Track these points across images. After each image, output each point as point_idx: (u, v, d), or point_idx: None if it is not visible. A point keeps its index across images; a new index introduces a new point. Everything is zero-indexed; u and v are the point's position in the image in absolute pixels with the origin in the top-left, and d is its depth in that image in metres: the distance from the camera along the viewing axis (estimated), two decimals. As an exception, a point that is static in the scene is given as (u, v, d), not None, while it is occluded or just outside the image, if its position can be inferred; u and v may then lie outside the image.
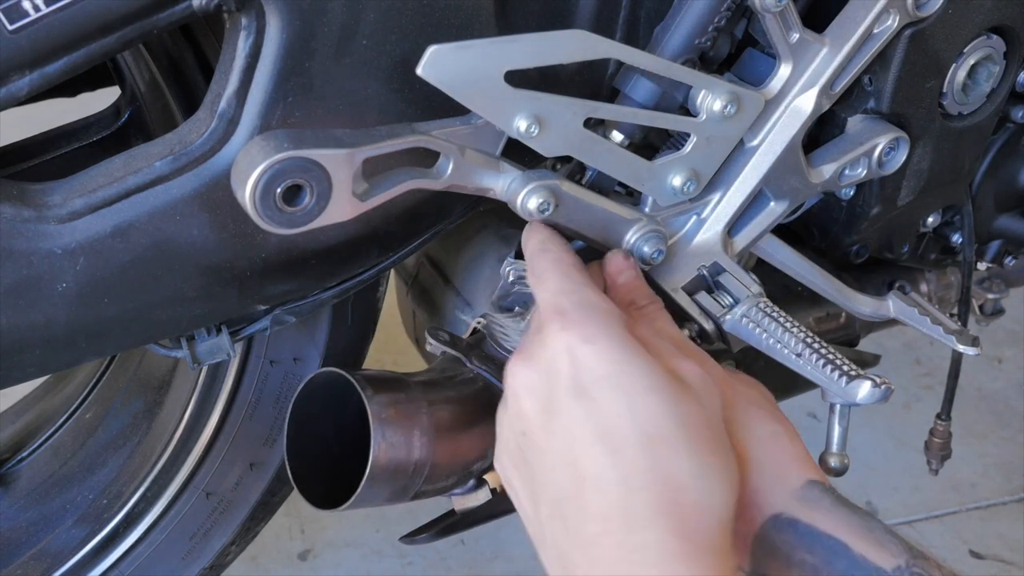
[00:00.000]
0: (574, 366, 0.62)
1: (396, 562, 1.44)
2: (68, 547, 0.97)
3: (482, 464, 0.76)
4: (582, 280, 0.67)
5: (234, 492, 0.98)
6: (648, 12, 0.75)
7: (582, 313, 0.64)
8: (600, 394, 0.60)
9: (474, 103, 0.63)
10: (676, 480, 0.58)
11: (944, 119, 0.85)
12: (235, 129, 0.65)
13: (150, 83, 0.86)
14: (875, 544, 0.63)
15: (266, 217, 0.59)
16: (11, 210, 0.63)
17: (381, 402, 0.71)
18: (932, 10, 0.76)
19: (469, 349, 0.78)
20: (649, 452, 0.58)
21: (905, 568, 0.61)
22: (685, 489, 0.58)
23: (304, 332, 0.92)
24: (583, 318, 0.63)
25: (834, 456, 0.72)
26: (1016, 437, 1.72)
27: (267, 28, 0.63)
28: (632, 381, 0.61)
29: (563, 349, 0.62)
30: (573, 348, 0.62)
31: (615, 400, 0.60)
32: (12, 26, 0.57)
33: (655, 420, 0.59)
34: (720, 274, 0.77)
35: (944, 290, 1.09)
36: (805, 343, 0.73)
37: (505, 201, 0.70)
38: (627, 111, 0.72)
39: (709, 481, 0.59)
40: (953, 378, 1.06)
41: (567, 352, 0.62)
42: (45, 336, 0.67)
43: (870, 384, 0.69)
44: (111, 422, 1.04)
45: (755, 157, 0.77)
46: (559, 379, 0.62)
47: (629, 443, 0.59)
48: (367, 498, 0.70)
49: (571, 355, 0.62)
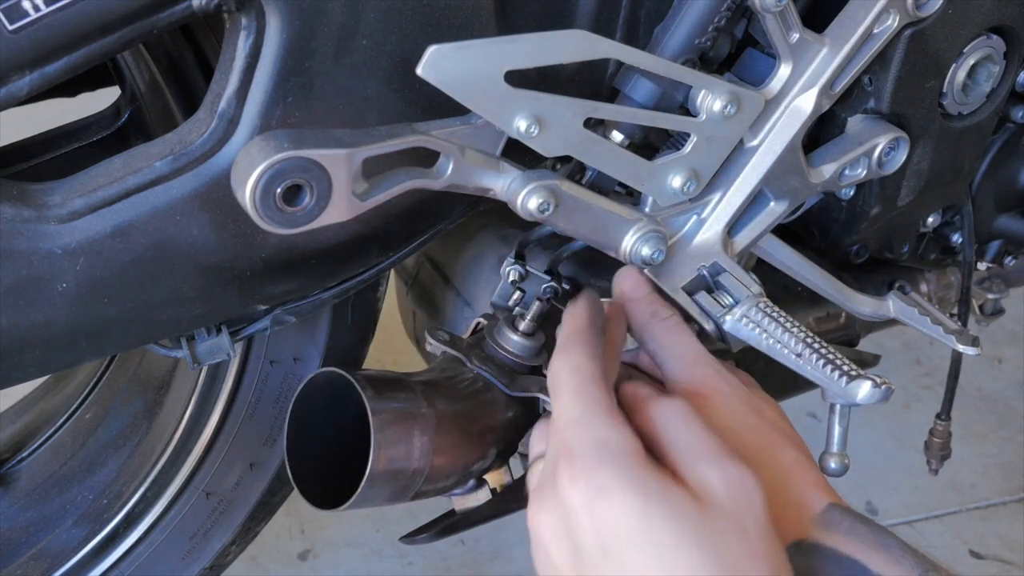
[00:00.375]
0: (593, 524, 0.59)
1: (396, 562, 1.44)
2: (68, 547, 0.97)
3: (482, 464, 0.76)
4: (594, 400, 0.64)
5: (234, 492, 0.98)
6: (648, 12, 0.75)
7: (592, 457, 0.60)
8: (626, 556, 0.58)
9: (474, 103, 0.63)
10: None
11: (944, 119, 0.85)
12: (235, 129, 0.65)
13: (150, 83, 0.86)
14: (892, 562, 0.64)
15: (266, 217, 0.59)
16: (11, 210, 0.63)
17: (381, 402, 0.70)
18: (932, 10, 0.76)
19: (469, 349, 0.78)
20: None
21: None
22: None
23: (304, 332, 0.92)
24: (594, 464, 0.60)
25: (834, 456, 0.72)
26: (1016, 437, 1.72)
27: (267, 28, 0.63)
28: (656, 538, 0.58)
29: (579, 506, 0.60)
30: (589, 505, 0.59)
31: (643, 562, 0.57)
32: (12, 26, 0.57)
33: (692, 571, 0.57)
34: (720, 274, 0.77)
35: (944, 290, 1.09)
36: (805, 343, 0.73)
37: (505, 201, 0.70)
38: (627, 111, 0.72)
39: None
40: (953, 378, 1.06)
41: (585, 509, 0.59)
42: (45, 336, 0.67)
43: (870, 384, 0.69)
44: (111, 422, 1.04)
45: (755, 157, 0.77)
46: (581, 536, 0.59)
47: None
48: (367, 498, 0.70)
49: (589, 512, 0.59)
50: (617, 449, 0.61)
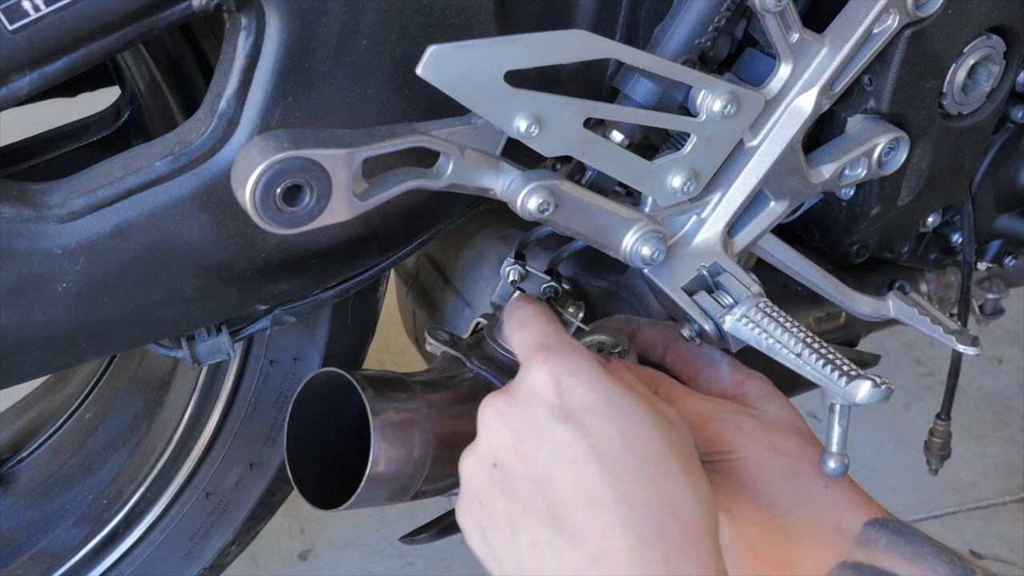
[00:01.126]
0: (560, 395, 0.63)
1: (396, 562, 1.44)
2: (68, 547, 0.97)
3: (482, 464, 0.76)
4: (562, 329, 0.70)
5: (234, 492, 0.98)
6: (648, 12, 0.75)
7: (567, 349, 0.66)
8: (589, 420, 0.62)
9: (474, 103, 0.63)
10: (674, 501, 0.60)
11: (944, 119, 0.85)
12: (235, 129, 0.65)
13: (150, 83, 0.86)
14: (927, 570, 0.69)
15: (266, 217, 0.59)
16: (11, 210, 0.63)
17: (381, 402, 0.71)
18: (932, 10, 0.76)
19: (469, 349, 0.78)
20: (646, 474, 0.61)
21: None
22: (683, 509, 0.60)
23: (304, 332, 0.92)
24: (569, 353, 0.65)
25: (834, 456, 0.72)
26: (1016, 437, 1.72)
27: (267, 28, 0.63)
28: (620, 409, 0.63)
29: (548, 379, 0.64)
30: (559, 378, 0.64)
31: (606, 425, 0.62)
32: (12, 26, 0.57)
33: (647, 444, 0.62)
34: (720, 274, 0.77)
35: (944, 290, 1.09)
36: (805, 343, 0.73)
37: (505, 201, 0.70)
38: (627, 111, 0.72)
39: (702, 499, 0.61)
40: (953, 378, 1.06)
41: (553, 382, 0.64)
42: (45, 336, 0.67)
43: (870, 384, 0.69)
44: (111, 422, 1.04)
45: (755, 157, 0.77)
46: (542, 406, 0.63)
47: (626, 465, 0.61)
48: (367, 498, 0.70)
49: (556, 384, 0.63)
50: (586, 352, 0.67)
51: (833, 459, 0.72)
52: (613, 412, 0.62)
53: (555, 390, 0.63)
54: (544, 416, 0.63)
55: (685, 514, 0.60)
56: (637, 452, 0.61)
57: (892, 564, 0.71)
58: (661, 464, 0.61)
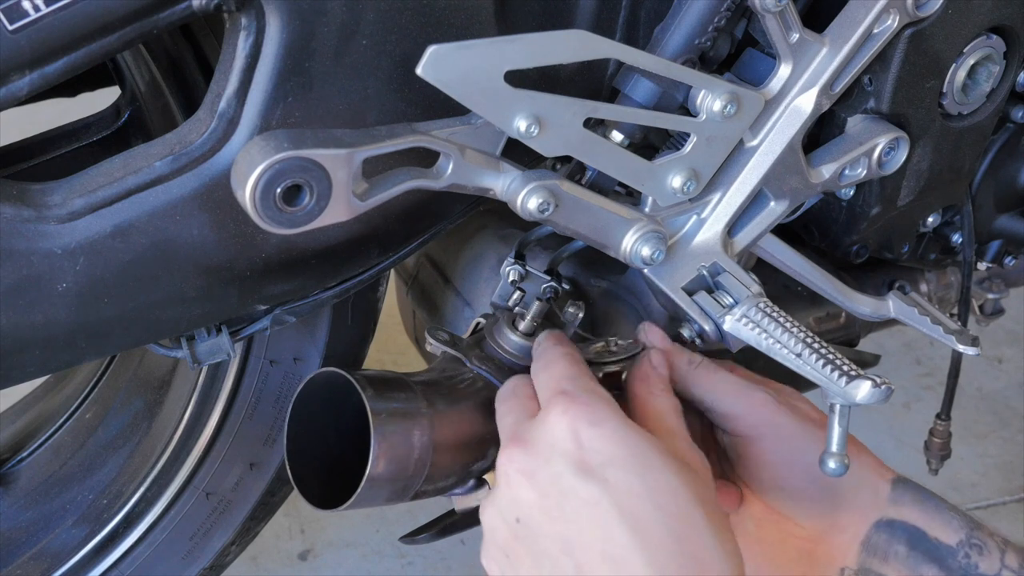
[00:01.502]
0: (580, 448, 0.62)
1: (396, 562, 1.44)
2: (68, 547, 0.97)
3: (482, 464, 0.76)
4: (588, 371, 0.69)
5: (234, 492, 0.98)
6: (648, 12, 0.75)
7: (587, 396, 0.65)
8: (613, 475, 0.61)
9: (474, 103, 0.63)
10: (701, 558, 0.60)
11: (944, 119, 0.85)
12: (235, 129, 0.65)
13: (150, 83, 0.86)
14: (943, 525, 0.75)
15: (266, 217, 0.59)
16: (11, 210, 0.63)
17: (381, 402, 0.70)
18: (932, 10, 0.76)
19: (469, 349, 0.78)
20: (672, 530, 0.60)
21: (965, 540, 0.74)
22: (710, 565, 0.60)
23: (304, 332, 0.92)
24: (588, 401, 0.64)
25: (834, 456, 0.72)
26: (1016, 437, 1.72)
27: (267, 28, 0.63)
28: (644, 462, 0.62)
29: (567, 431, 0.63)
30: (578, 431, 0.62)
31: (630, 480, 0.61)
32: (12, 26, 0.57)
33: (672, 498, 0.61)
34: (720, 274, 0.77)
35: (944, 290, 1.09)
36: (805, 343, 0.73)
37: (505, 201, 0.70)
38: (627, 111, 0.72)
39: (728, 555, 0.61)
40: (953, 378, 1.06)
41: (572, 435, 0.62)
42: (45, 336, 0.67)
43: (870, 384, 0.69)
44: (111, 422, 1.04)
45: (755, 157, 0.77)
46: (563, 462, 0.62)
47: (652, 522, 0.60)
48: (367, 498, 0.70)
49: (576, 438, 0.62)
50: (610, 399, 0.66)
51: (833, 459, 0.72)
52: (637, 465, 0.61)
53: (575, 443, 0.62)
54: (567, 472, 0.61)
55: (711, 571, 0.60)
56: (663, 507, 0.60)
57: (916, 518, 0.75)
58: (687, 519, 0.61)
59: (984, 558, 0.74)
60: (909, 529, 0.75)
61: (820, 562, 0.77)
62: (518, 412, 0.69)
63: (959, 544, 0.74)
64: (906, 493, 0.76)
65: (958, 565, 0.74)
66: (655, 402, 0.72)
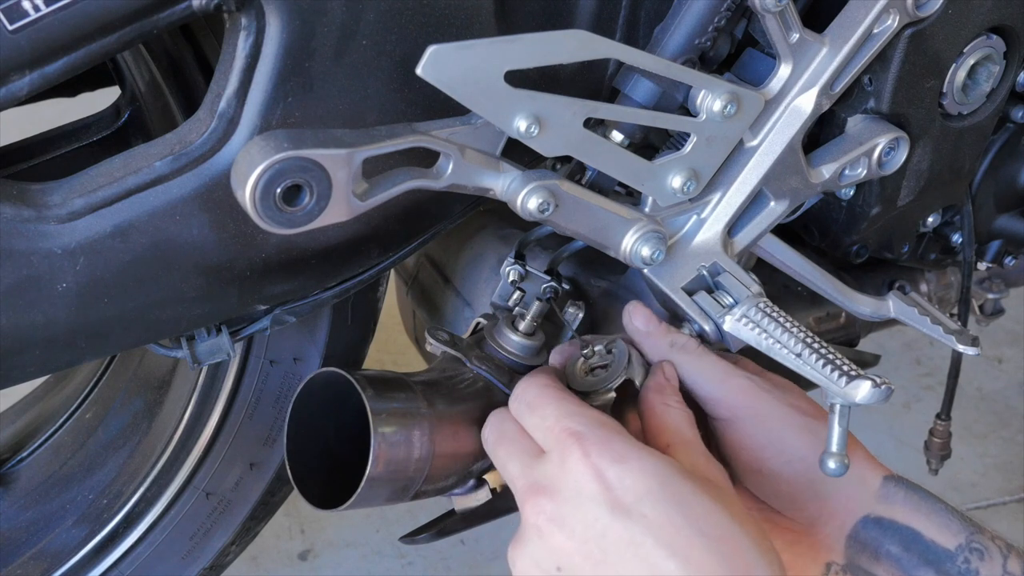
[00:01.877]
0: (608, 489, 0.62)
1: (396, 562, 1.44)
2: (68, 547, 0.97)
3: (482, 464, 0.76)
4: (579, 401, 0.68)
5: (234, 492, 0.98)
6: (648, 12, 0.75)
7: (601, 433, 0.64)
8: (649, 510, 0.61)
9: (474, 103, 0.63)
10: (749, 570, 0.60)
11: (944, 119, 0.85)
12: (235, 129, 0.65)
13: (150, 83, 0.86)
14: (941, 527, 0.73)
15: (266, 217, 0.59)
16: (11, 210, 0.63)
17: (381, 402, 0.70)
18: (932, 10, 0.76)
19: (469, 349, 0.78)
20: (718, 552, 0.60)
21: (965, 545, 0.72)
22: None
23: (304, 332, 0.92)
24: (604, 437, 0.64)
25: (834, 456, 0.72)
26: (1016, 437, 1.72)
27: (267, 28, 0.63)
28: (675, 490, 0.62)
29: (592, 474, 0.62)
30: (603, 471, 0.62)
31: (668, 512, 0.61)
32: (12, 26, 0.57)
33: (711, 520, 0.61)
34: (720, 274, 0.77)
35: (944, 290, 1.09)
36: (805, 343, 0.73)
37: (505, 201, 0.70)
38: (627, 111, 0.72)
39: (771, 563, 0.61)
40: (953, 378, 1.06)
41: (597, 476, 0.62)
42: (45, 336, 0.67)
43: (870, 384, 0.69)
44: (111, 422, 1.04)
45: (755, 157, 0.77)
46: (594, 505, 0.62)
47: (697, 548, 0.60)
48: (367, 498, 0.70)
49: (601, 478, 0.62)
50: (619, 428, 0.65)
51: (833, 459, 0.72)
52: (670, 496, 0.61)
53: (602, 484, 0.62)
54: (602, 515, 0.61)
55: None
56: (705, 532, 0.60)
57: (910, 519, 0.73)
58: (729, 537, 0.61)
59: (985, 563, 0.72)
60: (902, 530, 0.74)
61: (805, 555, 0.76)
62: (520, 455, 0.68)
63: (958, 548, 0.73)
64: (899, 492, 0.75)
65: (957, 570, 0.72)
66: (671, 414, 0.72)
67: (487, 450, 0.72)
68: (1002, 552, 0.73)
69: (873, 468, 0.76)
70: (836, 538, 0.75)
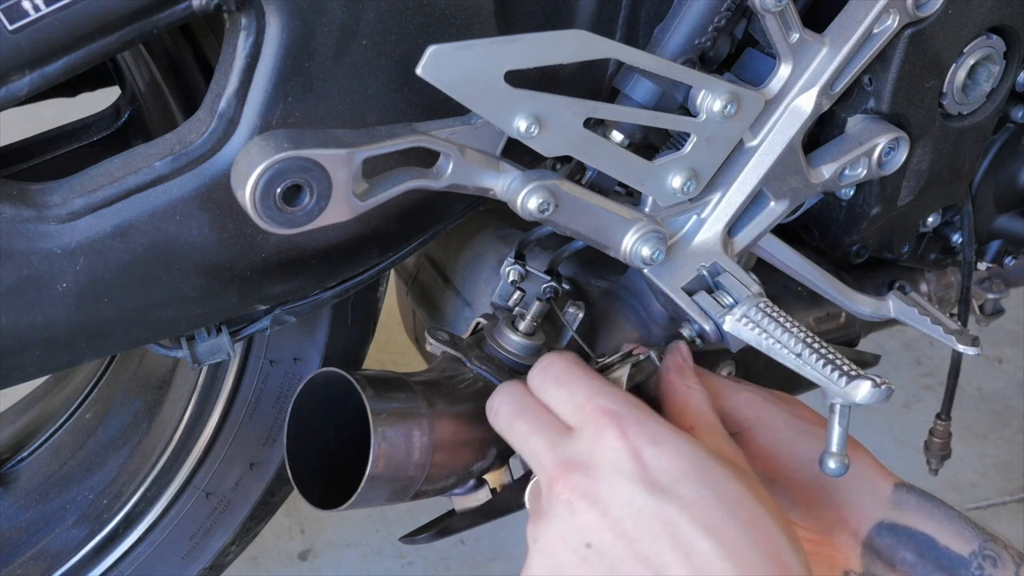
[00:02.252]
0: (645, 468, 0.62)
1: (396, 562, 1.44)
2: (68, 547, 0.97)
3: (482, 464, 0.76)
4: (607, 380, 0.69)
5: (234, 492, 0.98)
6: (648, 12, 0.75)
7: (636, 413, 0.65)
8: (684, 490, 0.61)
9: (474, 103, 0.63)
10: (779, 555, 0.61)
11: (944, 119, 0.85)
12: (235, 129, 0.65)
13: (150, 83, 0.86)
14: (955, 534, 0.74)
15: (266, 217, 0.59)
16: (11, 210, 0.63)
17: (381, 402, 0.70)
18: (932, 10, 0.76)
19: (469, 349, 0.78)
20: (751, 535, 0.61)
21: (979, 552, 0.73)
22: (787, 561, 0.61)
23: (304, 332, 0.92)
24: (640, 418, 0.64)
25: (834, 456, 0.72)
26: (1016, 437, 1.72)
27: (267, 28, 0.63)
28: (710, 473, 0.62)
29: (629, 453, 0.62)
30: (640, 450, 0.62)
31: (702, 493, 0.61)
32: (12, 26, 0.57)
33: (743, 504, 0.62)
34: (720, 274, 0.77)
35: (944, 290, 1.09)
36: (805, 343, 0.73)
37: (505, 201, 0.70)
38: (627, 111, 0.72)
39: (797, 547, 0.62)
40: (953, 378, 1.06)
41: (633, 456, 0.62)
42: (45, 336, 0.67)
43: (870, 384, 0.69)
44: (111, 422, 1.04)
45: (755, 157, 0.77)
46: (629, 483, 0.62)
47: (732, 530, 0.60)
48: (367, 498, 0.70)
49: (638, 457, 0.62)
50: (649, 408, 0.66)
51: (833, 459, 0.72)
52: (705, 478, 0.62)
53: (638, 463, 0.62)
54: (638, 493, 0.61)
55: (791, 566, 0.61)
56: (738, 515, 0.61)
57: (922, 524, 0.74)
58: (760, 522, 0.62)
59: (999, 571, 0.73)
60: (917, 536, 0.74)
61: (822, 564, 0.77)
62: (544, 430, 0.67)
63: (972, 555, 0.73)
64: (911, 498, 0.76)
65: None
66: (694, 396, 0.73)
67: (497, 424, 0.71)
68: (1015, 560, 0.73)
69: (884, 475, 0.77)
70: (852, 546, 0.76)
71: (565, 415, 0.67)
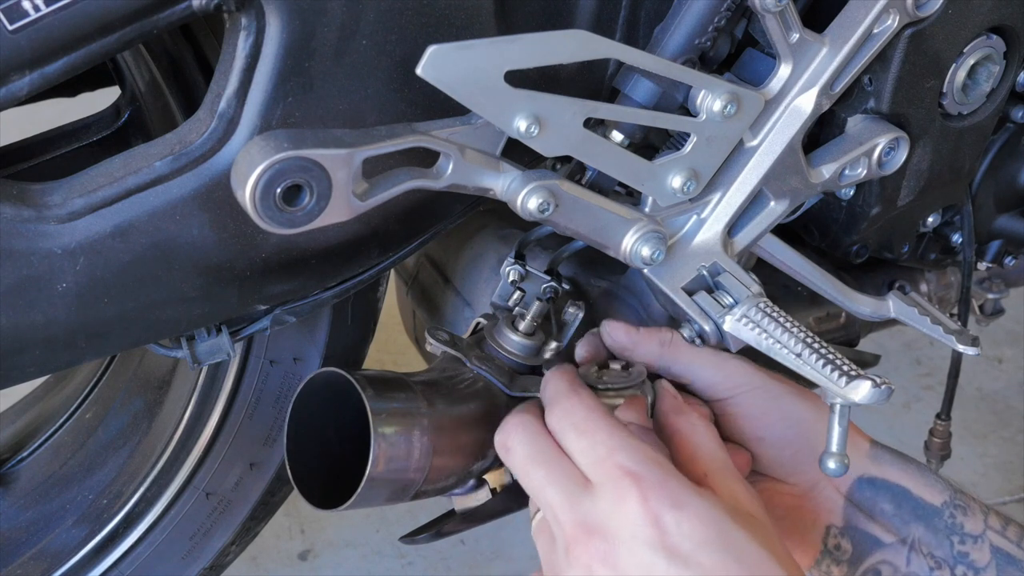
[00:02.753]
0: (666, 535, 0.61)
1: (396, 562, 1.44)
2: (68, 547, 0.97)
3: (482, 464, 0.76)
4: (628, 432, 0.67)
5: (234, 492, 0.98)
6: (648, 12, 0.75)
7: (658, 474, 0.63)
8: (704, 557, 0.61)
9: (474, 103, 0.63)
10: None
11: (944, 119, 0.85)
12: (235, 129, 0.65)
13: (150, 83, 0.86)
14: (927, 486, 0.78)
15: (266, 217, 0.59)
16: (11, 210, 0.63)
17: (381, 402, 0.70)
18: (932, 10, 0.76)
19: (469, 349, 0.78)
20: None
21: (950, 502, 0.77)
22: None
23: (304, 332, 0.92)
24: (661, 479, 0.63)
25: (834, 456, 0.72)
26: (1016, 437, 1.72)
27: (267, 28, 0.63)
28: (731, 538, 0.62)
29: (649, 518, 0.61)
30: (660, 515, 0.61)
31: (724, 560, 0.61)
32: (12, 26, 0.57)
33: (762, 566, 0.61)
34: (720, 274, 0.77)
35: (944, 290, 1.09)
36: (805, 343, 0.73)
37: (505, 201, 0.70)
38: (627, 111, 0.72)
39: None
40: (953, 378, 1.06)
41: (654, 521, 0.61)
42: (45, 336, 0.67)
43: (870, 384, 0.69)
44: (111, 422, 1.04)
45: (755, 157, 0.77)
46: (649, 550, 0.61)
47: None
48: (367, 498, 0.70)
49: (658, 523, 0.61)
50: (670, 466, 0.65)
51: (833, 459, 0.72)
52: (725, 544, 0.61)
53: (658, 529, 0.61)
54: (658, 561, 0.61)
55: None
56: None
57: (899, 477, 0.78)
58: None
59: (968, 519, 0.76)
60: (893, 488, 0.77)
61: (807, 519, 0.78)
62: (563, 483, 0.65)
63: (944, 504, 0.77)
64: (886, 454, 0.79)
65: (944, 524, 0.76)
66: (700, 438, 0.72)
67: (510, 462, 0.70)
68: (983, 510, 0.77)
69: (861, 435, 0.80)
70: (835, 500, 0.78)
71: (583, 466, 0.66)
